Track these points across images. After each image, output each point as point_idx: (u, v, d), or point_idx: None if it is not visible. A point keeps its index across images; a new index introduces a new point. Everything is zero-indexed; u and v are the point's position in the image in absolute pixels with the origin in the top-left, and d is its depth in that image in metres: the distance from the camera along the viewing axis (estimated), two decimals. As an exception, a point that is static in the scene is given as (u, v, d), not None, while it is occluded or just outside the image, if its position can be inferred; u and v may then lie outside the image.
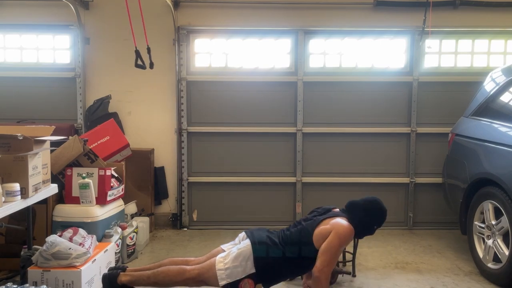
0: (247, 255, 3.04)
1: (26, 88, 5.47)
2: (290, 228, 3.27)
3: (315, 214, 3.36)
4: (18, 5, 5.38)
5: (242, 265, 3.02)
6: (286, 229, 3.29)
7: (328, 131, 5.52)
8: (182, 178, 5.54)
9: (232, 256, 3.05)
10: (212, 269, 3.03)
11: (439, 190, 5.16)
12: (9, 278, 3.68)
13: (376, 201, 3.32)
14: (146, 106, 5.49)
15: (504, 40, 5.53)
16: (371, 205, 3.28)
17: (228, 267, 3.02)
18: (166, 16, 5.34)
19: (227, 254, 3.09)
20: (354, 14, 5.43)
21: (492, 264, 3.94)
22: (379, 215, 3.28)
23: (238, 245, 3.16)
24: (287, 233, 3.22)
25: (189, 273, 3.06)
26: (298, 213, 5.55)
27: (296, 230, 3.21)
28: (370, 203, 3.30)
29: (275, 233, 3.26)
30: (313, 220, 3.22)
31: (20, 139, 2.94)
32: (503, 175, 3.79)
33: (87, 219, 3.91)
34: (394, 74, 5.52)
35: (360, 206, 3.27)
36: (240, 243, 3.21)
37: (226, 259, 3.05)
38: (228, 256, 3.06)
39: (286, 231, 3.25)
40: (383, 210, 3.29)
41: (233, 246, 3.23)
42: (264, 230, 3.29)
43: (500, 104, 4.33)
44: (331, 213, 3.27)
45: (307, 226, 3.19)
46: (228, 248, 3.20)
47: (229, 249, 3.19)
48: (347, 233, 3.09)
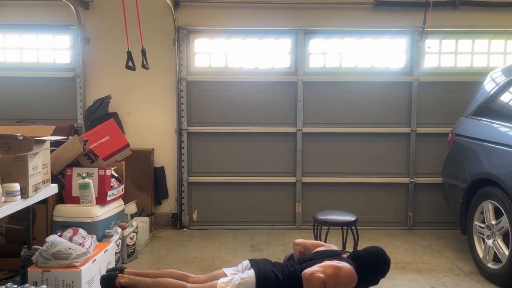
0: (249, 286, 3.05)
1: (26, 88, 5.47)
2: (295, 265, 3.22)
3: (323, 255, 3.28)
4: (18, 5, 5.38)
5: None
6: (290, 264, 3.26)
7: (328, 131, 5.52)
8: (182, 178, 5.54)
9: (234, 284, 3.05)
10: None
11: (439, 190, 5.16)
12: (9, 278, 3.68)
13: (380, 253, 3.26)
14: (146, 106, 5.49)
15: (504, 40, 5.54)
16: (375, 257, 3.24)
17: None
18: (166, 16, 5.34)
19: (229, 281, 3.09)
20: (354, 14, 5.43)
21: (492, 264, 3.94)
22: (382, 267, 3.23)
23: (242, 274, 3.16)
24: (291, 269, 3.18)
25: None
26: (298, 213, 5.55)
27: (300, 268, 3.15)
28: (373, 255, 3.25)
29: (279, 267, 3.24)
30: (319, 260, 3.16)
31: (20, 139, 2.94)
32: (503, 175, 3.79)
33: (87, 219, 3.91)
34: (394, 74, 5.52)
35: (363, 258, 3.22)
36: (243, 271, 3.21)
37: (228, 286, 3.06)
38: (231, 283, 3.07)
39: (290, 267, 3.21)
40: (387, 262, 3.24)
41: (235, 272, 3.23)
42: (269, 264, 3.27)
43: (500, 104, 4.33)
44: (339, 258, 3.22)
45: (312, 264, 3.12)
46: (231, 274, 3.21)
47: (232, 274, 3.19)
48: (349, 274, 3.03)
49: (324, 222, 4.14)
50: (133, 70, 4.19)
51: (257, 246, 4.91)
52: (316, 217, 4.18)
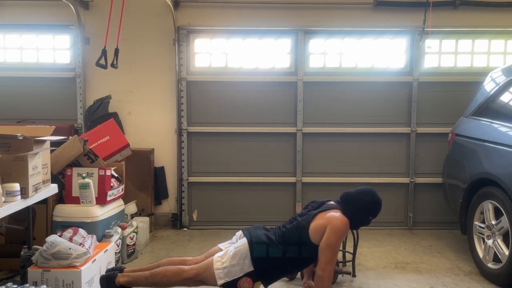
0: (244, 254, 3.03)
1: (26, 88, 5.47)
2: (286, 225, 3.24)
3: (310, 208, 3.31)
4: (18, 5, 5.38)
5: (239, 263, 3.01)
6: (282, 225, 3.26)
7: (328, 131, 5.52)
8: (182, 178, 5.54)
9: (229, 255, 3.04)
10: (209, 269, 3.02)
11: (439, 190, 5.16)
12: (9, 278, 3.68)
13: (371, 192, 3.27)
14: (146, 106, 5.49)
15: (504, 40, 5.53)
16: (366, 196, 3.24)
17: (225, 266, 3.01)
18: (166, 16, 5.34)
19: (224, 253, 3.08)
20: (354, 14, 5.43)
21: (492, 264, 3.94)
22: (373, 205, 3.23)
23: (235, 244, 3.15)
24: (283, 230, 3.19)
25: (187, 273, 3.05)
26: (298, 213, 5.55)
27: (292, 227, 3.18)
28: (364, 193, 3.25)
29: (272, 230, 3.24)
30: (307, 215, 3.19)
31: (20, 139, 2.94)
32: (503, 175, 3.79)
33: (87, 219, 3.91)
34: (394, 74, 5.52)
35: (354, 197, 3.23)
36: (237, 241, 3.20)
37: (223, 258, 3.04)
38: (226, 255, 3.05)
39: (282, 228, 3.22)
40: (378, 201, 3.24)
41: (230, 245, 3.21)
42: (261, 228, 3.27)
43: (500, 104, 4.33)
44: (325, 206, 3.23)
45: (302, 221, 3.15)
46: (226, 247, 3.19)
47: (226, 248, 3.17)
48: (342, 226, 3.06)
49: (324, 222, 4.13)
50: (105, 68, 4.17)
51: (257, 246, 4.90)
52: (316, 217, 4.18)
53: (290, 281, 3.83)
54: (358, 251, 4.05)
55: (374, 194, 3.26)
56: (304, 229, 3.11)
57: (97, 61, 4.11)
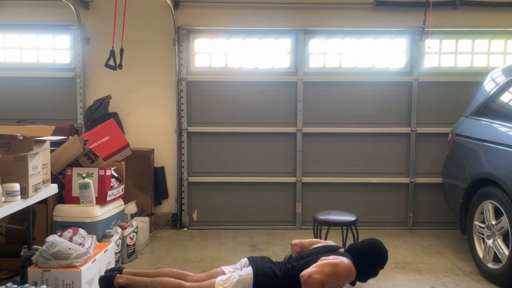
0: (247, 284, 3.06)
1: (26, 88, 5.47)
2: (292, 262, 3.24)
3: (320, 252, 3.28)
4: (18, 5, 5.38)
5: None
6: (288, 262, 3.27)
7: (328, 131, 5.52)
8: (182, 178, 5.54)
9: (232, 281, 3.06)
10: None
11: (439, 190, 5.16)
12: (9, 278, 3.68)
13: (376, 244, 3.28)
14: (146, 106, 5.49)
15: (504, 40, 5.53)
16: (372, 249, 3.25)
17: None
18: (166, 16, 5.34)
19: (227, 278, 3.10)
20: (354, 14, 5.43)
21: (492, 264, 3.94)
22: (380, 258, 3.25)
23: (240, 272, 3.16)
24: (289, 266, 3.18)
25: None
26: (298, 213, 5.55)
27: (298, 265, 3.16)
28: (370, 246, 3.27)
29: (277, 264, 3.24)
30: (316, 257, 3.17)
31: (20, 139, 2.94)
32: (503, 175, 3.79)
33: (87, 219, 3.91)
34: (394, 74, 5.52)
35: (360, 250, 3.23)
36: (241, 269, 3.21)
37: (226, 283, 3.06)
38: (229, 281, 3.07)
39: (288, 264, 3.22)
40: (384, 253, 3.25)
41: (234, 270, 3.23)
42: (267, 261, 3.28)
43: (500, 104, 4.33)
44: (337, 253, 3.23)
45: (310, 261, 3.13)
46: (229, 272, 3.21)
47: (230, 272, 3.19)
48: (349, 269, 3.04)
49: (324, 222, 4.14)
50: (114, 69, 4.16)
51: (257, 246, 4.91)
52: (316, 217, 4.19)
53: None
54: (358, 251, 4.04)
55: (380, 246, 3.27)
56: None
57: (106, 62, 4.10)
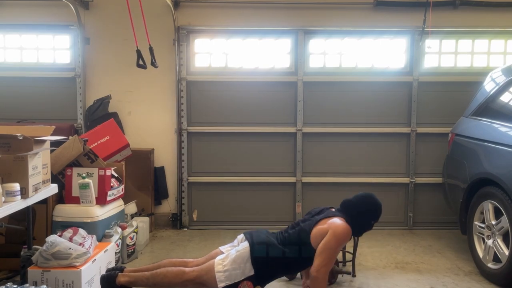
0: (245, 257, 3.04)
1: (26, 88, 5.47)
2: (288, 230, 3.27)
3: (312, 214, 3.35)
4: (18, 5, 5.38)
5: (241, 267, 3.02)
6: (284, 231, 3.29)
7: (328, 131, 5.52)
8: (182, 178, 5.54)
9: (230, 258, 3.05)
10: (210, 271, 3.03)
11: (439, 190, 5.16)
12: (9, 278, 3.68)
13: (370, 196, 3.31)
14: (146, 106, 5.49)
15: (504, 40, 5.54)
16: (365, 201, 3.28)
17: (227, 269, 3.02)
18: (166, 16, 5.34)
19: (225, 256, 3.09)
20: (354, 14, 5.43)
21: (492, 264, 3.94)
22: (374, 210, 3.26)
23: (237, 247, 3.16)
24: (285, 235, 3.22)
25: (188, 275, 3.06)
26: (298, 213, 5.55)
27: (294, 231, 3.21)
28: (363, 199, 3.29)
29: (274, 234, 3.27)
30: (310, 221, 3.22)
31: (20, 139, 2.94)
32: (503, 175, 3.79)
33: (87, 219, 3.91)
34: (394, 74, 5.52)
35: (354, 204, 3.27)
36: (238, 245, 3.21)
37: (224, 261, 3.05)
38: (227, 258, 3.07)
39: (284, 233, 3.25)
40: (377, 205, 3.27)
41: (231, 248, 3.23)
42: (263, 232, 3.30)
43: (500, 104, 4.33)
44: (328, 213, 3.27)
45: (305, 226, 3.19)
46: (227, 250, 3.21)
47: (228, 251, 3.19)
48: (344, 232, 3.08)
49: (324, 222, 4.13)
50: (144, 68, 4.18)
51: (257, 246, 4.91)
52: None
53: (290, 281, 3.83)
54: (358, 251, 4.04)
55: (374, 198, 3.30)
56: (306, 234, 3.13)
57: (137, 62, 4.11)
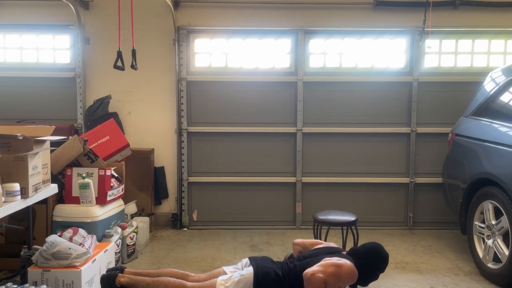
0: (248, 283, 3.05)
1: (26, 88, 5.47)
2: (295, 261, 3.23)
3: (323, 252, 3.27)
4: (18, 5, 5.38)
5: None
6: (290, 261, 3.26)
7: (328, 131, 5.52)
8: (182, 178, 5.54)
9: (233, 281, 3.06)
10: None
11: (439, 190, 5.16)
12: (9, 278, 3.68)
13: (377, 249, 3.27)
14: (146, 106, 5.49)
15: (504, 40, 5.53)
16: (372, 253, 3.24)
17: None
18: (166, 16, 5.34)
19: (228, 278, 3.09)
20: (354, 14, 5.43)
21: (492, 264, 3.94)
22: (381, 262, 3.23)
23: (241, 271, 3.16)
24: (290, 266, 3.18)
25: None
26: (298, 213, 5.55)
27: (300, 264, 3.15)
28: (371, 251, 3.25)
29: (279, 264, 3.24)
30: (318, 257, 3.16)
31: (20, 139, 2.94)
32: (503, 175, 3.79)
33: (87, 219, 3.91)
34: (394, 74, 5.52)
35: (361, 255, 3.22)
36: (242, 269, 3.21)
37: (227, 283, 3.06)
38: (230, 280, 3.07)
39: (289, 264, 3.21)
40: (384, 258, 3.24)
41: (235, 270, 3.23)
42: (268, 261, 3.27)
43: (500, 104, 4.33)
44: (339, 255, 3.22)
45: (312, 261, 3.12)
46: (230, 272, 3.20)
47: (231, 272, 3.19)
48: (352, 270, 3.04)
49: (324, 222, 4.14)
50: (122, 70, 4.17)
51: (257, 246, 4.91)
52: (316, 217, 4.19)
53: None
54: (358, 251, 4.04)
55: (381, 250, 3.26)
56: None
57: (114, 63, 4.11)
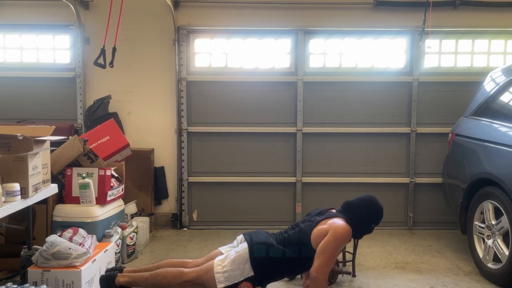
0: (245, 258, 3.04)
1: (26, 88, 5.47)
2: (288, 231, 3.26)
3: (312, 215, 3.34)
4: (18, 5, 5.38)
5: (240, 268, 3.02)
6: (284, 231, 3.28)
7: (328, 131, 5.52)
8: (182, 178, 5.54)
9: (230, 259, 3.05)
10: (210, 272, 3.03)
11: (439, 190, 5.16)
12: (9, 278, 3.68)
13: (371, 199, 3.30)
14: (146, 106, 5.49)
15: (504, 40, 5.53)
16: (366, 204, 3.27)
17: (226, 270, 3.01)
18: (166, 16, 5.34)
19: (225, 257, 3.09)
20: (354, 14, 5.43)
21: (492, 264, 3.94)
22: (375, 213, 3.26)
23: (236, 248, 3.15)
24: (285, 235, 3.21)
25: (187, 275, 3.06)
26: (298, 213, 5.55)
27: (294, 232, 3.20)
28: (365, 201, 3.29)
29: (273, 235, 3.26)
30: (310, 222, 3.21)
31: (20, 139, 2.94)
32: (503, 175, 3.79)
33: (87, 219, 3.91)
34: (394, 74, 5.52)
35: (355, 206, 3.26)
36: (238, 246, 3.20)
37: (224, 262, 3.05)
38: (226, 259, 3.06)
39: (284, 234, 3.24)
40: (379, 208, 3.26)
41: (231, 249, 3.22)
42: (262, 232, 3.29)
43: (500, 104, 4.33)
44: (328, 214, 3.26)
45: (305, 227, 3.17)
46: (226, 251, 3.20)
47: (227, 251, 3.18)
48: (344, 233, 3.07)
49: (324, 222, 4.13)
50: (103, 67, 4.17)
51: (257, 246, 4.91)
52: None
53: (290, 281, 3.83)
54: (358, 251, 4.04)
55: (375, 201, 3.29)
56: (306, 235, 3.12)
57: (95, 60, 4.10)
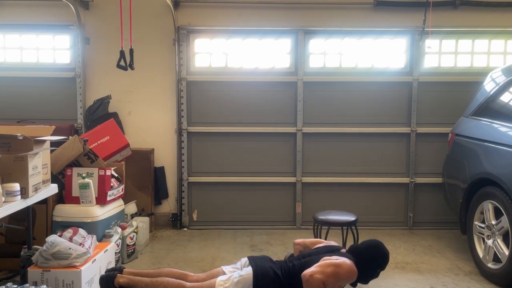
0: (248, 283, 3.05)
1: (26, 88, 5.47)
2: (294, 261, 3.22)
3: (322, 251, 3.26)
4: (18, 5, 5.38)
5: None
6: (289, 260, 3.25)
7: (328, 131, 5.52)
8: (182, 178, 5.54)
9: (233, 281, 3.05)
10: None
11: (439, 190, 5.16)
12: (9, 278, 3.68)
13: (377, 245, 3.26)
14: (146, 106, 5.49)
15: (504, 40, 5.53)
16: (373, 250, 3.23)
17: None
18: (166, 16, 5.34)
19: (227, 278, 3.09)
20: (354, 14, 5.43)
21: (492, 264, 3.94)
22: (381, 260, 3.23)
23: (240, 271, 3.15)
24: (290, 265, 3.17)
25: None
26: (298, 213, 5.55)
27: (299, 264, 3.15)
28: (372, 248, 3.25)
29: (278, 264, 3.23)
30: (318, 256, 3.15)
31: (20, 139, 2.94)
32: (503, 175, 3.79)
33: (87, 219, 3.91)
34: (394, 74, 5.52)
35: (361, 252, 3.21)
36: (241, 269, 3.21)
37: (226, 283, 3.05)
38: (229, 281, 3.06)
39: (289, 263, 3.20)
40: (385, 255, 3.23)
41: (234, 270, 3.22)
42: (267, 260, 3.26)
43: (500, 104, 4.33)
44: (338, 253, 3.21)
45: (311, 260, 3.11)
46: (230, 272, 3.20)
47: (230, 272, 3.18)
48: (350, 268, 3.02)
49: (324, 222, 4.14)
50: (125, 69, 4.17)
51: (257, 246, 4.91)
52: (316, 217, 4.19)
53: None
54: (358, 251, 4.04)
55: (381, 247, 3.25)
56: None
57: (117, 63, 4.10)
